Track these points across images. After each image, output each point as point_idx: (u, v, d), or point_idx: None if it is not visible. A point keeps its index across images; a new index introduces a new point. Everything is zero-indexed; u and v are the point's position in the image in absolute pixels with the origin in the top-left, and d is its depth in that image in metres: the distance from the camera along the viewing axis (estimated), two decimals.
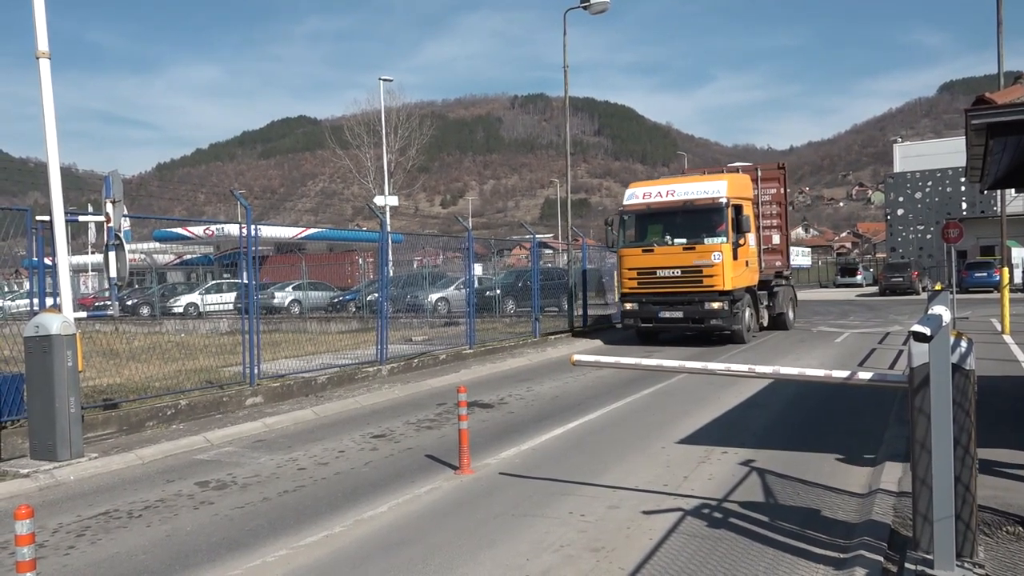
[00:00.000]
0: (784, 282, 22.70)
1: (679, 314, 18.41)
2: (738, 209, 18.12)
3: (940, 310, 4.70)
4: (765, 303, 20.69)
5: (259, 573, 5.27)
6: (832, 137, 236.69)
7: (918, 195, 61.40)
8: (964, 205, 57.90)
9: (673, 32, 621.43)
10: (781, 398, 11.15)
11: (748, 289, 19.21)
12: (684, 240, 18.29)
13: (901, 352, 15.87)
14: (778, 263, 21.33)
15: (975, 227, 43.86)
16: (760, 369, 5.75)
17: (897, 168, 63.65)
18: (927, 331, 4.09)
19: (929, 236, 58.56)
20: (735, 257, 18.09)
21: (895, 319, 25.35)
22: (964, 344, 4.52)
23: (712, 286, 17.90)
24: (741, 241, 18.17)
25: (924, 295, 37.97)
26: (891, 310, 30.18)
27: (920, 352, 4.43)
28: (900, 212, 61.82)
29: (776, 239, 21.18)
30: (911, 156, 62.99)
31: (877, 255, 79.53)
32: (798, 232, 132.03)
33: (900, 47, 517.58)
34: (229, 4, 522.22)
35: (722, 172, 21.03)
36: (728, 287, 17.88)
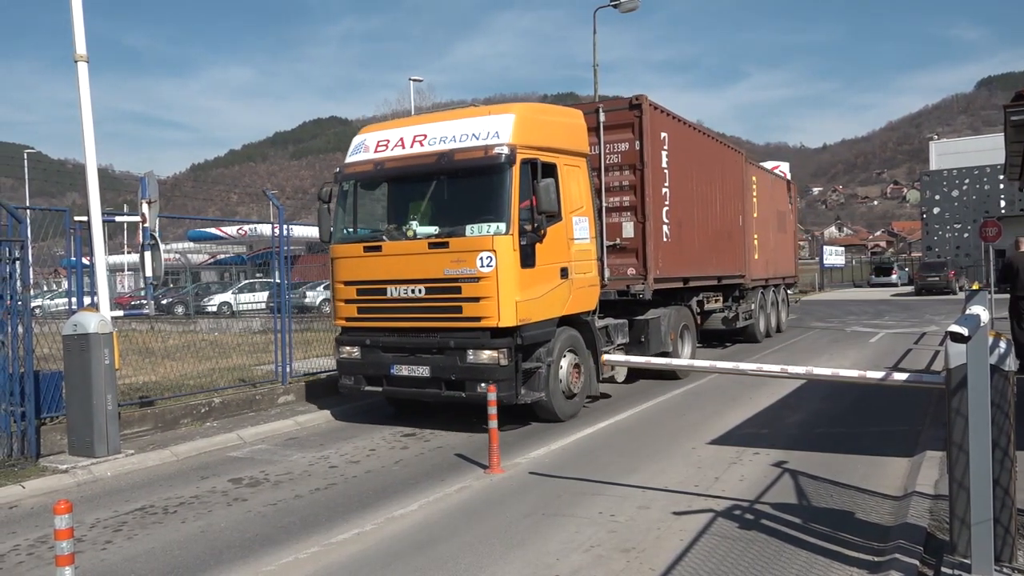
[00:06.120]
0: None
1: (424, 371, 9.59)
2: (535, 169, 9.38)
3: (978, 310, 4.63)
4: (619, 342, 11.70)
5: (291, 569, 5.33)
6: (867, 134, 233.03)
7: (955, 193, 60.51)
8: (1002, 203, 56.94)
9: (704, 29, 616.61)
10: (814, 399, 11.02)
11: (570, 320, 10.29)
12: (435, 229, 9.73)
13: (937, 353, 15.61)
14: (631, 271, 12.03)
15: (1014, 225, 42.78)
16: (793, 369, 5.70)
17: (933, 166, 62.82)
18: (965, 331, 4.03)
19: (966, 235, 57.70)
20: (527, 262, 9.32)
21: (931, 319, 24.97)
22: (1003, 345, 4.44)
23: (479, 317, 9.16)
24: (543, 230, 9.43)
25: (961, 295, 37.33)
26: (927, 310, 29.74)
27: (957, 353, 4.36)
28: (936, 210, 60.92)
29: (629, 230, 12.00)
30: (948, 153, 62.13)
31: (912, 254, 78.39)
32: (831, 231, 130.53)
33: (937, 42, 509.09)
34: (263, 6, 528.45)
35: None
36: (508, 321, 9.09)
